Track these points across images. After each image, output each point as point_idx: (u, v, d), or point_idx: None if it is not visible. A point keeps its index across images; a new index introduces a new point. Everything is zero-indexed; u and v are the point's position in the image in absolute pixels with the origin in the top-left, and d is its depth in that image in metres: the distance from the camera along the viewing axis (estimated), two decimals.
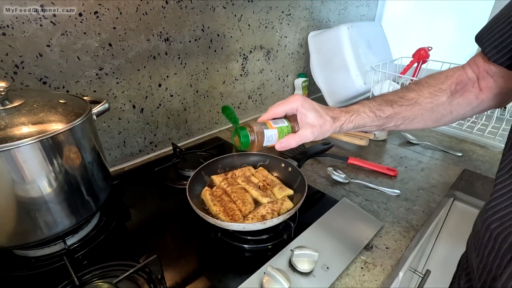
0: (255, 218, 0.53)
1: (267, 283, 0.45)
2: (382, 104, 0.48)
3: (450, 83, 0.48)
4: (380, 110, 0.48)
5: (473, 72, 0.48)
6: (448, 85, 0.48)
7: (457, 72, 0.49)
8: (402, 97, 0.49)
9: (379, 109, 0.48)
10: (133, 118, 0.81)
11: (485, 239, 0.39)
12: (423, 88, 0.49)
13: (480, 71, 0.47)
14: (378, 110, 0.48)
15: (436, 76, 0.50)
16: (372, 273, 0.51)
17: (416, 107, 0.49)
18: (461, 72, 0.49)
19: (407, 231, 0.60)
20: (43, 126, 0.45)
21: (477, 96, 0.48)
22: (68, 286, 0.45)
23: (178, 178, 0.74)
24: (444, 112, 0.49)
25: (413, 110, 0.49)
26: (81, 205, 0.51)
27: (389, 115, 0.48)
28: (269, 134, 0.45)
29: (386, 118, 0.48)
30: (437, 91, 0.48)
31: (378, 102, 0.49)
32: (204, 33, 0.88)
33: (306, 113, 0.45)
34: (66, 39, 0.64)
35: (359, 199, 0.69)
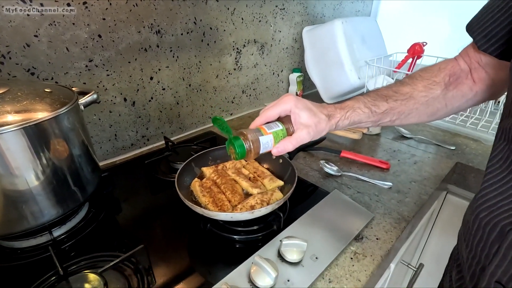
0: (244, 208, 0.52)
1: (255, 273, 0.44)
2: (377, 99, 0.48)
3: (444, 75, 0.48)
4: (375, 105, 0.47)
5: (466, 63, 0.48)
6: (442, 78, 0.48)
7: (450, 64, 0.49)
8: (396, 91, 0.48)
9: (374, 104, 0.47)
10: (125, 111, 0.81)
11: (474, 229, 0.39)
12: (417, 82, 0.49)
13: (472, 62, 0.47)
14: (373, 106, 0.47)
15: (429, 69, 0.50)
16: (362, 263, 0.51)
17: (411, 101, 0.48)
18: (454, 64, 0.48)
19: (398, 223, 0.60)
20: (27, 114, 0.44)
21: (471, 88, 0.48)
22: (53, 276, 0.45)
23: (169, 171, 0.73)
24: (439, 105, 0.49)
25: (408, 105, 0.48)
26: (68, 195, 0.51)
27: (384, 110, 0.47)
28: (264, 141, 0.43)
29: (382, 113, 0.48)
30: (431, 84, 0.48)
31: (372, 98, 0.48)
32: (196, 26, 0.87)
33: (299, 113, 0.43)
34: (54, 29, 0.63)
35: (351, 191, 0.69)
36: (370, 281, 0.50)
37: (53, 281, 0.44)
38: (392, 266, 0.66)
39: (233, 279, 0.45)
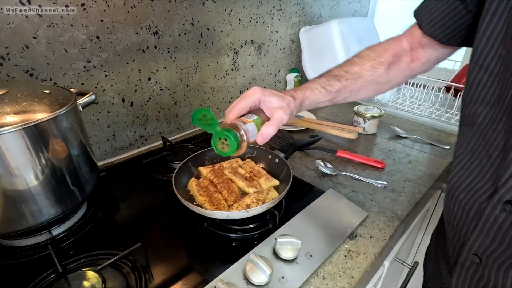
0: (240, 207, 0.53)
1: (250, 270, 0.45)
2: (331, 80, 0.52)
3: (388, 56, 0.53)
4: (329, 85, 0.51)
5: (408, 43, 0.53)
6: (386, 58, 0.53)
7: (394, 45, 0.54)
8: (347, 71, 0.53)
9: (329, 84, 0.51)
10: (123, 111, 0.82)
11: (454, 211, 0.43)
12: (365, 62, 0.54)
13: (414, 42, 0.53)
14: (328, 86, 0.51)
15: (375, 49, 0.55)
16: (355, 261, 0.52)
17: (360, 79, 0.53)
18: (397, 44, 0.54)
19: (391, 221, 0.61)
20: (26, 115, 0.45)
21: (409, 65, 0.54)
22: (52, 274, 0.46)
23: (167, 170, 0.74)
24: (383, 81, 0.55)
25: (357, 83, 0.53)
26: (66, 194, 0.52)
27: (338, 89, 0.52)
28: (251, 129, 0.42)
29: (336, 92, 0.52)
30: (376, 64, 0.53)
31: (327, 78, 0.52)
32: (193, 27, 0.88)
33: (269, 99, 0.45)
34: (52, 31, 0.64)
35: (346, 190, 0.70)
36: (364, 278, 0.51)
37: (52, 279, 0.45)
38: (387, 264, 0.67)
39: (229, 276, 0.46)
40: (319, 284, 0.47)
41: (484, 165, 0.38)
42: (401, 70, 0.55)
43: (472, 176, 0.40)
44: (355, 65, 0.53)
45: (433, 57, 0.53)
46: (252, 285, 0.44)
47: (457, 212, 0.42)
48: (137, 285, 0.45)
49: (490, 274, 0.38)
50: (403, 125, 1.03)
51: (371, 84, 0.54)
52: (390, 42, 0.55)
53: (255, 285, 0.44)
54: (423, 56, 0.53)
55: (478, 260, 0.39)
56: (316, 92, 0.50)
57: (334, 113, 1.15)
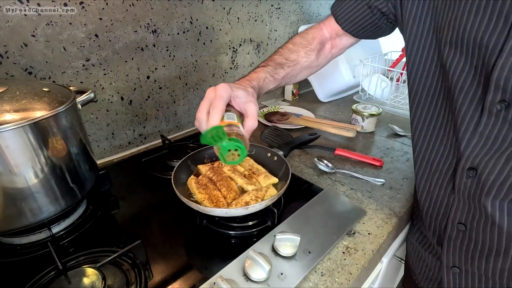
0: (239, 204, 0.54)
1: (249, 266, 0.45)
2: (277, 68, 0.58)
3: (316, 43, 0.62)
4: (276, 73, 0.58)
5: (328, 33, 0.63)
6: (315, 45, 0.62)
7: (319, 33, 0.63)
8: (287, 59, 0.60)
9: (276, 73, 0.58)
10: (122, 110, 0.82)
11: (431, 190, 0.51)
12: (300, 49, 0.61)
13: (333, 33, 0.62)
14: (275, 74, 0.58)
15: (305, 37, 0.62)
16: (353, 257, 0.52)
17: (298, 65, 0.61)
18: (321, 33, 0.63)
19: (389, 218, 0.61)
20: (25, 113, 0.45)
21: (330, 51, 0.65)
22: (53, 271, 0.46)
23: (166, 168, 0.75)
24: (314, 66, 0.64)
25: (296, 69, 0.61)
26: (66, 192, 0.52)
27: (283, 76, 0.59)
28: (241, 129, 0.44)
29: (281, 79, 0.59)
30: (309, 51, 0.62)
31: (273, 67, 0.58)
32: (192, 25, 0.88)
33: (238, 95, 0.47)
34: (51, 29, 0.64)
35: (344, 188, 0.70)
36: (362, 274, 0.52)
37: (52, 276, 0.45)
38: (385, 261, 0.67)
39: (228, 272, 0.46)
40: (317, 280, 0.48)
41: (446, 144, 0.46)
42: (325, 56, 0.65)
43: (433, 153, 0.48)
44: (293, 52, 0.61)
45: (348, 44, 0.64)
46: (251, 281, 0.45)
47: (434, 190, 0.49)
48: (137, 282, 0.45)
49: (477, 235, 0.44)
50: (401, 123, 1.03)
51: (306, 69, 0.63)
52: (315, 30, 0.63)
53: (254, 281, 0.44)
54: (340, 43, 0.64)
55: (463, 228, 0.45)
56: (267, 81, 0.56)
57: (333, 112, 1.15)
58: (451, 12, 0.39)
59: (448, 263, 0.50)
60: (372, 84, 1.14)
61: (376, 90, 1.14)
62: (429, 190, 0.51)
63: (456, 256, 0.49)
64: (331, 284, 0.47)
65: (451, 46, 0.39)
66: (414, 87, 0.50)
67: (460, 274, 0.49)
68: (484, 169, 0.40)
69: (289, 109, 1.12)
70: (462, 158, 0.42)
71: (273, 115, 1.04)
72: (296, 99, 1.30)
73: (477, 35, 0.36)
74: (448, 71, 0.41)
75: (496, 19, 0.34)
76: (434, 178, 0.49)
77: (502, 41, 0.34)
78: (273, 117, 1.02)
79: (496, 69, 0.35)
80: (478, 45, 0.36)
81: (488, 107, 0.37)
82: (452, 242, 0.48)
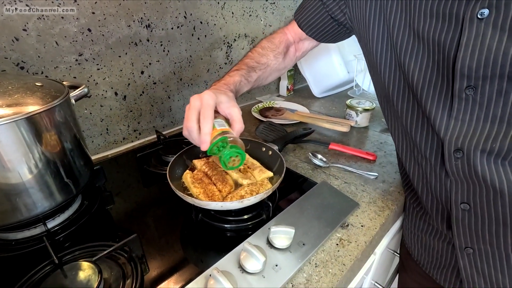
0: (234, 198, 0.54)
1: (244, 258, 0.46)
2: (250, 72, 0.63)
3: (283, 47, 0.67)
4: (250, 76, 0.62)
5: (292, 37, 0.68)
6: (282, 49, 0.67)
7: (284, 37, 0.68)
8: (258, 62, 0.65)
9: (249, 76, 0.62)
10: (116, 105, 0.81)
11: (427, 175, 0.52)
12: (269, 53, 0.66)
13: (296, 37, 0.67)
14: (249, 77, 0.62)
15: (273, 41, 0.67)
16: (347, 249, 0.53)
17: (268, 68, 0.66)
18: (286, 38, 0.68)
19: (382, 211, 0.62)
20: (18, 107, 0.45)
21: (295, 54, 0.70)
22: (48, 266, 0.46)
23: (161, 164, 0.75)
24: (281, 68, 0.70)
25: (267, 71, 0.66)
26: (60, 187, 0.52)
27: (255, 79, 0.64)
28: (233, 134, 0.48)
29: (254, 81, 0.64)
30: (277, 54, 0.67)
31: (246, 71, 0.62)
32: (186, 20, 0.88)
33: (222, 101, 0.50)
34: (43, 23, 0.63)
35: (338, 181, 0.71)
36: (355, 265, 0.53)
37: (48, 270, 0.45)
38: (378, 252, 0.69)
39: (224, 265, 0.47)
40: (311, 271, 0.49)
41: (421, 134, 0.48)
42: (290, 58, 0.70)
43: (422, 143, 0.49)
44: (263, 56, 0.65)
45: (310, 47, 0.70)
46: (246, 273, 0.45)
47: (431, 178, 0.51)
48: (133, 275, 0.45)
49: (482, 211, 0.46)
50: None
51: (275, 71, 0.68)
52: (280, 35, 0.68)
53: (250, 272, 0.45)
54: (303, 47, 0.69)
55: (467, 207, 0.47)
56: (242, 85, 0.60)
57: (327, 107, 1.16)
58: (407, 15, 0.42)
59: (461, 244, 0.51)
60: (366, 79, 1.14)
61: (370, 85, 1.15)
62: (424, 181, 0.53)
63: (467, 236, 0.49)
64: (325, 275, 0.48)
65: (412, 46, 0.43)
66: (379, 90, 0.53)
67: (474, 254, 0.50)
68: (469, 147, 0.42)
69: (284, 104, 1.13)
70: (445, 143, 0.44)
71: (268, 110, 1.05)
72: (291, 95, 1.30)
73: (435, 35, 0.40)
74: (411, 69, 0.44)
75: (449, 20, 0.38)
76: (427, 168, 0.50)
77: (457, 37, 0.38)
78: (268, 113, 1.03)
79: (458, 61, 0.38)
80: (437, 44, 0.40)
81: (457, 94, 0.40)
82: (461, 223, 0.49)
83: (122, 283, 0.44)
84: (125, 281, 0.45)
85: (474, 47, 0.37)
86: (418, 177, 0.54)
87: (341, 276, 0.48)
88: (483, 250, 0.49)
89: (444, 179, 0.48)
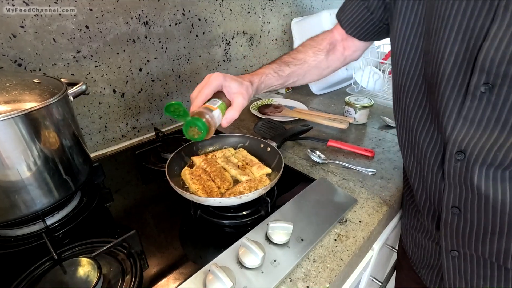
0: (233, 194, 0.54)
1: (243, 254, 0.46)
2: (281, 65, 0.60)
3: (326, 44, 0.64)
4: (281, 70, 0.60)
5: (339, 35, 0.64)
6: (324, 46, 0.64)
7: (329, 35, 0.65)
8: (294, 58, 0.62)
9: (280, 69, 0.59)
10: (114, 102, 0.81)
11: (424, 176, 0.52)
12: (308, 49, 0.64)
13: (343, 35, 0.64)
14: (279, 71, 0.59)
15: (316, 39, 0.65)
16: (345, 244, 0.54)
17: (305, 65, 0.63)
18: (331, 35, 0.65)
19: (380, 206, 0.63)
20: (16, 104, 0.45)
21: (342, 53, 0.66)
22: (48, 262, 0.46)
23: (160, 161, 0.75)
24: (323, 66, 0.65)
25: (303, 68, 0.63)
26: (59, 184, 0.52)
27: (288, 73, 0.60)
28: (216, 115, 0.48)
29: (286, 76, 0.60)
30: (317, 51, 0.64)
31: (278, 64, 0.60)
32: (184, 17, 0.87)
33: (230, 85, 0.50)
34: (40, 20, 0.63)
35: (336, 178, 0.71)
36: (353, 260, 0.53)
37: (48, 266, 0.45)
38: (376, 248, 0.69)
39: (222, 260, 0.47)
40: (310, 266, 0.49)
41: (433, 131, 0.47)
42: (337, 57, 0.66)
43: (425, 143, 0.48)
44: (301, 52, 0.63)
45: (360, 46, 0.65)
46: (245, 268, 0.46)
47: (427, 177, 0.50)
48: (132, 271, 0.46)
49: (472, 216, 0.45)
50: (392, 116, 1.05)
51: (314, 69, 0.64)
52: (326, 33, 0.66)
53: (248, 268, 0.45)
54: (352, 45, 0.64)
55: (458, 211, 0.46)
56: (270, 77, 0.58)
57: (326, 104, 1.16)
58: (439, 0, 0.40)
59: (447, 246, 0.51)
60: (364, 76, 1.14)
61: (369, 83, 1.15)
62: (420, 179, 0.52)
63: (454, 239, 0.49)
64: (323, 270, 0.49)
65: (437, 32, 0.40)
66: (398, 75, 0.50)
67: (459, 257, 0.50)
68: (472, 151, 0.40)
69: (283, 101, 1.13)
70: (449, 143, 0.42)
71: (266, 107, 1.05)
72: (289, 92, 1.30)
73: (463, 20, 0.36)
74: (434, 57, 0.41)
75: (482, 3, 0.34)
76: (425, 166, 0.50)
77: (487, 25, 0.34)
78: (266, 110, 1.03)
79: (482, 52, 0.35)
80: (463, 30, 0.37)
81: (472, 91, 0.38)
82: (449, 226, 0.49)
83: (121, 279, 0.45)
84: (124, 277, 0.45)
85: (503, 38, 0.33)
86: (415, 174, 0.54)
87: (339, 271, 0.49)
88: (468, 254, 0.49)
89: (439, 180, 0.48)
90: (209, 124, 0.45)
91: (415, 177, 0.54)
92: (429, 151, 0.48)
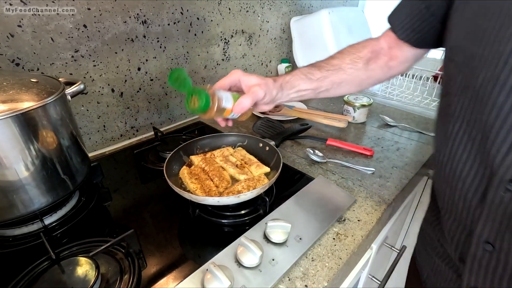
0: (231, 193, 0.54)
1: (241, 253, 0.46)
2: (312, 69, 0.56)
3: (366, 51, 0.56)
4: (310, 73, 0.55)
5: (386, 43, 0.56)
6: (365, 54, 0.56)
7: (372, 43, 0.57)
8: (327, 63, 0.57)
9: (309, 72, 0.55)
10: (113, 102, 0.81)
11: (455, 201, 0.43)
12: (345, 56, 0.57)
13: (391, 42, 0.55)
14: (309, 74, 0.55)
15: (355, 46, 0.58)
16: (343, 243, 0.54)
17: (340, 72, 0.56)
18: (375, 43, 0.57)
19: (379, 205, 0.63)
20: (14, 103, 0.44)
21: (387, 63, 0.57)
22: (46, 261, 0.46)
23: (159, 160, 0.75)
24: (363, 76, 0.58)
25: (338, 75, 0.56)
26: (57, 183, 0.52)
27: (318, 78, 0.55)
28: (225, 97, 0.47)
29: (317, 80, 0.55)
30: (355, 58, 0.56)
31: (309, 67, 0.56)
32: (183, 16, 0.87)
33: (249, 78, 0.49)
34: (38, 19, 0.63)
35: (335, 177, 0.71)
36: (352, 259, 0.53)
37: (46, 266, 0.45)
38: (374, 247, 0.69)
39: (221, 259, 0.47)
40: (308, 265, 0.49)
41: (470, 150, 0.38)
42: (380, 67, 0.57)
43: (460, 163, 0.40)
44: (336, 58, 0.57)
45: (410, 56, 0.55)
46: (243, 267, 0.46)
47: (458, 202, 0.41)
48: (130, 270, 0.45)
49: (508, 257, 0.37)
50: (392, 114, 1.05)
51: (351, 78, 0.57)
52: (369, 40, 0.58)
53: (246, 267, 0.45)
54: (401, 55, 0.55)
55: (491, 248, 0.38)
56: (296, 78, 0.54)
57: (325, 103, 1.16)
58: None
59: (469, 282, 0.42)
60: None
61: None
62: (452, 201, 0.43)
63: (481, 277, 0.40)
64: (321, 268, 0.49)
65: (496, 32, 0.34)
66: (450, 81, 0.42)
67: None
68: None
69: None
70: (500, 169, 0.34)
71: None
72: None
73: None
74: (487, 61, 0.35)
75: None
76: (458, 187, 0.41)
77: None
78: None
79: None
80: None
81: None
82: (477, 262, 0.40)
83: (119, 278, 0.45)
84: (123, 276, 0.45)
85: None
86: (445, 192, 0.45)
87: (337, 269, 0.49)
88: None
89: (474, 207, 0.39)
90: (212, 98, 0.45)
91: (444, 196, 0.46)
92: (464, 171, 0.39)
